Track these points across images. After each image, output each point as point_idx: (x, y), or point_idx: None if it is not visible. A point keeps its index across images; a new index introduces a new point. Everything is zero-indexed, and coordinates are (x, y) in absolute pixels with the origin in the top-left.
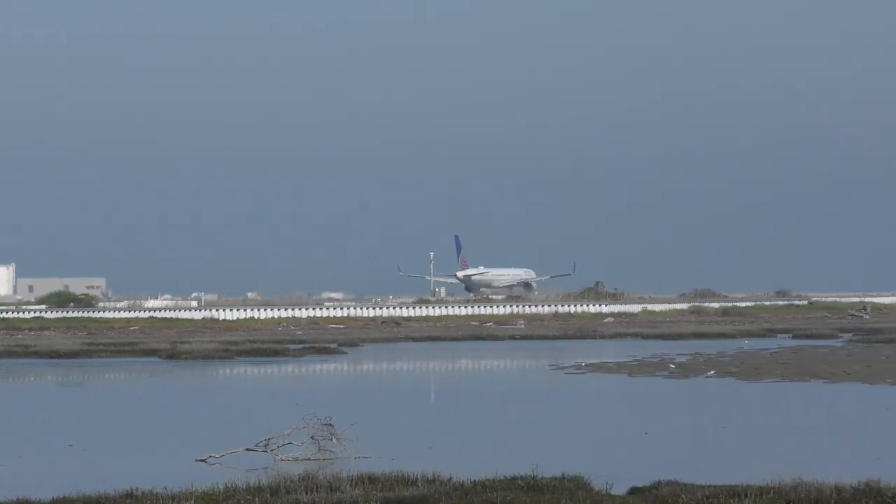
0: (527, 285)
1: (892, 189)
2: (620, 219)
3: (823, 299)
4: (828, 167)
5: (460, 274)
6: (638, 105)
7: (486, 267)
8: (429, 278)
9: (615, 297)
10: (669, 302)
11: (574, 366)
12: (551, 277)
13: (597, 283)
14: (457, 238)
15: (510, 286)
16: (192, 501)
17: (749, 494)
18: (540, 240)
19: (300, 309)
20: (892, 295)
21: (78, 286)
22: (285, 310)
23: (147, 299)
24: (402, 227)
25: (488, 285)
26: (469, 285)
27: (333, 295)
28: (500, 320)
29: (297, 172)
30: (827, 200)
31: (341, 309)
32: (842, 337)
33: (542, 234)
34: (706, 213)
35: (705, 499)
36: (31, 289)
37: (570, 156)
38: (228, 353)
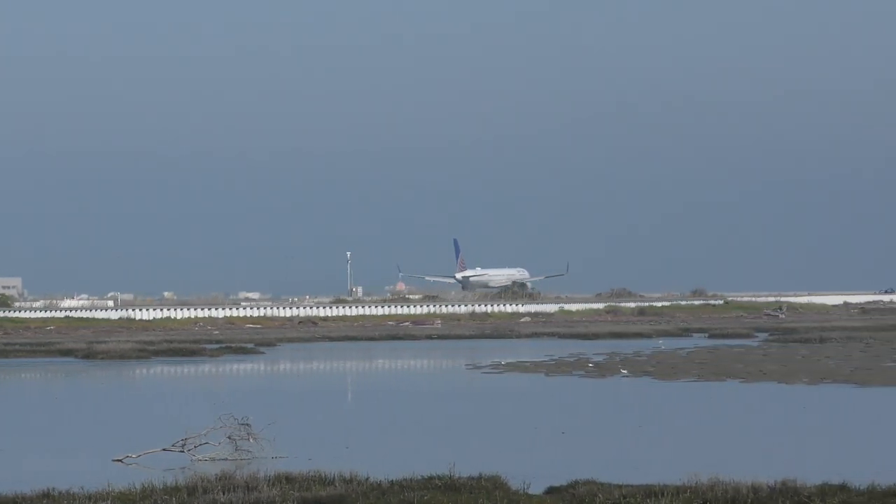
0: (521, 285)
1: (806, 189)
2: (538, 219)
3: (739, 299)
4: (742, 169)
5: (459, 275)
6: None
7: (482, 268)
8: (348, 282)
9: (532, 297)
10: (586, 302)
11: (491, 365)
12: (546, 277)
13: (513, 282)
14: (455, 242)
15: (505, 286)
16: (109, 501)
17: (666, 494)
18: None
19: (217, 309)
20: (808, 294)
21: None
22: (202, 309)
23: (63, 299)
24: (398, 228)
25: (485, 285)
26: (467, 286)
27: (250, 295)
28: (417, 320)
29: (215, 173)
30: (742, 201)
31: (258, 309)
32: (758, 336)
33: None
34: (621, 213)
35: (622, 498)
36: None
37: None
38: (145, 352)
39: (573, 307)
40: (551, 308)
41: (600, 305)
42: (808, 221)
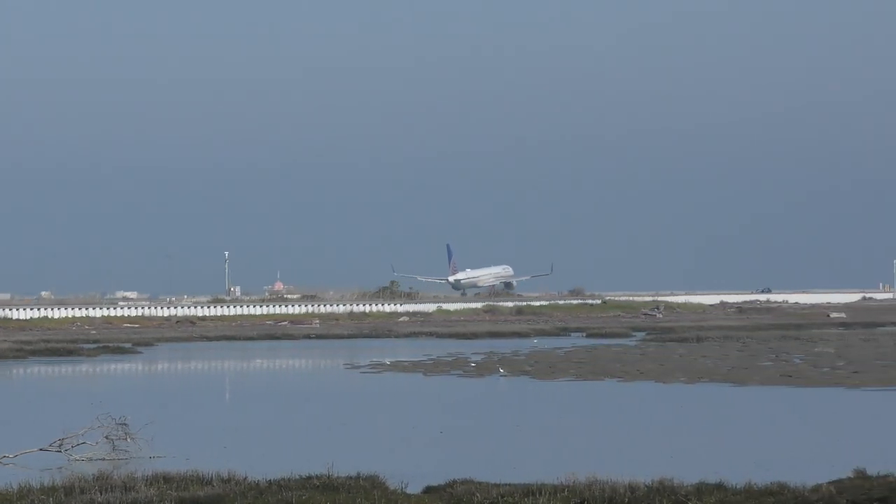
0: (507, 284)
1: (683, 188)
2: (413, 218)
3: (617, 298)
4: (617, 166)
5: (451, 278)
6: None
7: (472, 269)
8: (226, 282)
9: (410, 297)
10: (464, 301)
11: (369, 365)
12: (532, 277)
13: (391, 282)
14: (448, 246)
15: (493, 285)
16: None
17: (543, 493)
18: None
19: (94, 308)
20: (685, 294)
21: None
22: (79, 309)
23: None
24: (391, 228)
25: (475, 285)
26: (458, 287)
27: (128, 294)
28: (295, 319)
29: (87, 169)
30: (620, 199)
31: (135, 308)
32: (635, 336)
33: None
34: (499, 211)
35: (500, 497)
36: None
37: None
38: (21, 352)
39: (451, 307)
40: (430, 307)
41: (478, 305)
42: (686, 221)
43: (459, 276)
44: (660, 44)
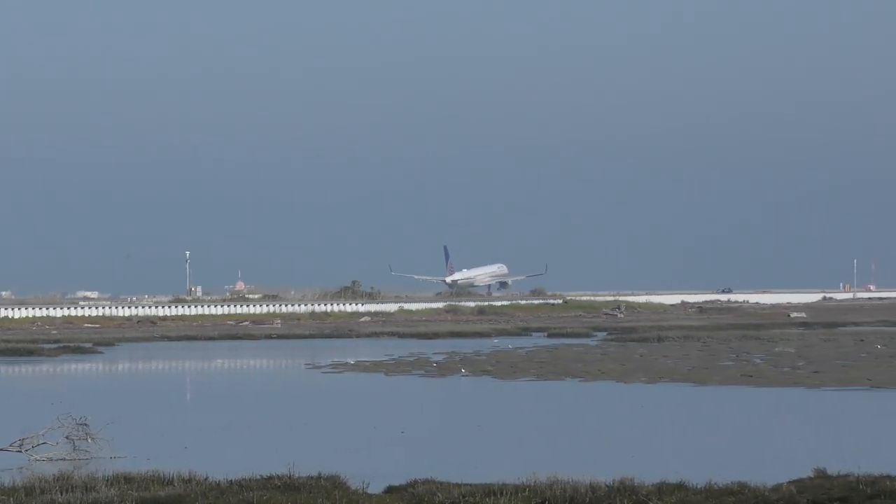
0: (503, 284)
1: (644, 189)
2: (371, 218)
3: (578, 298)
4: (578, 167)
5: (449, 279)
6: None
7: (468, 269)
8: (187, 281)
9: (372, 297)
10: (426, 301)
11: (330, 365)
12: (527, 277)
13: (353, 282)
14: (445, 248)
15: (489, 285)
16: None
17: (505, 493)
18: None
19: (55, 308)
20: (646, 294)
21: None
22: (40, 309)
23: None
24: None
25: (472, 285)
26: (455, 288)
27: (89, 294)
28: (256, 319)
29: (47, 168)
30: (581, 198)
31: (96, 308)
32: (596, 335)
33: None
34: (460, 211)
35: (461, 497)
36: None
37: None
38: None
39: (413, 306)
40: (391, 307)
41: (440, 305)
42: (647, 221)
43: (456, 276)
44: (654, 48)
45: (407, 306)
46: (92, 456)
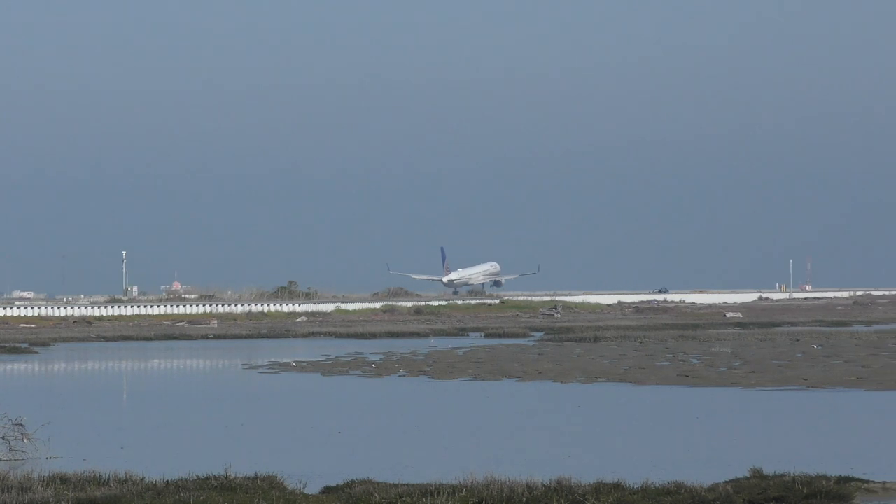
0: (496, 283)
1: (581, 190)
2: (311, 218)
3: (515, 298)
4: (522, 169)
5: (445, 279)
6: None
7: (463, 269)
8: (123, 281)
9: (308, 297)
10: (363, 301)
11: (267, 365)
12: (520, 276)
13: (290, 282)
14: (442, 249)
15: (483, 283)
16: None
17: (442, 493)
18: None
19: None
20: (583, 294)
21: None
22: None
23: None
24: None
25: (466, 284)
26: (451, 287)
27: (24, 294)
28: (192, 319)
29: None
30: (518, 197)
31: (32, 308)
32: (533, 336)
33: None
34: (396, 210)
35: (398, 497)
36: None
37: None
38: None
39: (350, 306)
40: (328, 307)
41: (377, 305)
42: (584, 221)
43: (452, 276)
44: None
45: (344, 306)
46: (28, 456)
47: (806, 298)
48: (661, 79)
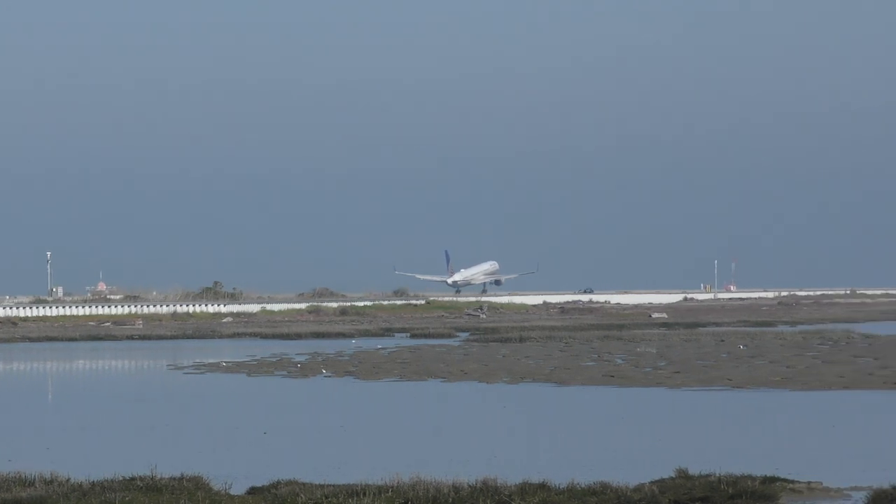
0: (497, 282)
1: (506, 189)
2: (237, 218)
3: (441, 299)
4: (427, 165)
5: (449, 280)
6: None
7: (465, 269)
8: (48, 282)
9: (234, 297)
10: (288, 301)
11: (192, 365)
12: (520, 275)
13: (215, 282)
14: (446, 252)
15: (484, 283)
16: None
17: (368, 493)
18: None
19: None
20: (509, 294)
21: None
22: None
23: None
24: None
25: (469, 284)
26: (456, 287)
27: None
28: (118, 320)
29: None
30: (440, 197)
31: None
32: (459, 336)
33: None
34: (324, 211)
35: (324, 498)
36: None
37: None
38: None
39: (275, 307)
40: (254, 308)
41: (302, 305)
42: (510, 221)
43: (456, 277)
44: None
45: (269, 307)
46: None
47: (731, 299)
48: (588, 82)
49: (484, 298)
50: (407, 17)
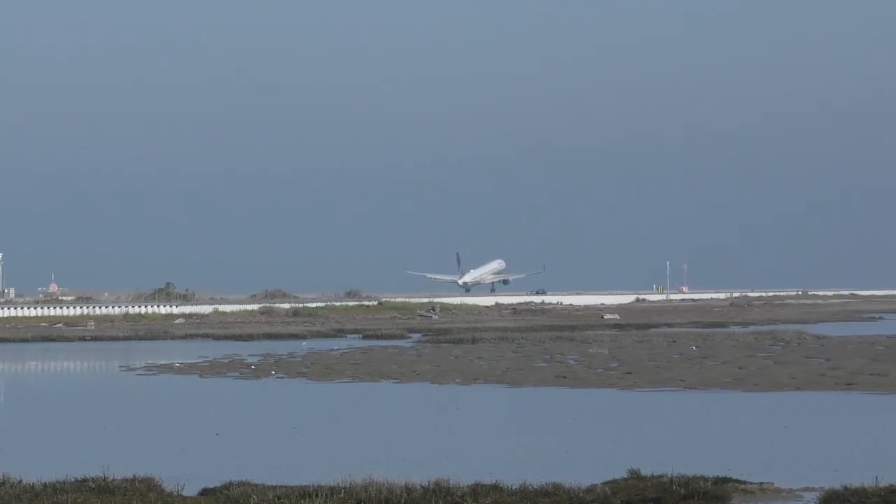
0: (505, 281)
1: (455, 189)
2: (189, 219)
3: (393, 300)
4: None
5: (460, 281)
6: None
7: (474, 269)
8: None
9: (186, 298)
10: (241, 303)
11: (144, 367)
12: (527, 275)
13: (167, 283)
14: (457, 254)
15: (492, 282)
16: None
17: (320, 494)
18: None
19: None
20: (461, 295)
21: None
22: None
23: None
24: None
25: (479, 283)
26: (466, 287)
27: None
28: (70, 321)
29: None
30: (397, 199)
31: None
32: (411, 337)
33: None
34: (277, 210)
35: (276, 499)
36: None
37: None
38: None
39: (228, 308)
40: (206, 309)
41: (255, 306)
42: (461, 222)
43: (466, 278)
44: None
45: (222, 308)
46: None
47: (683, 300)
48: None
49: (436, 300)
50: (409, 17)
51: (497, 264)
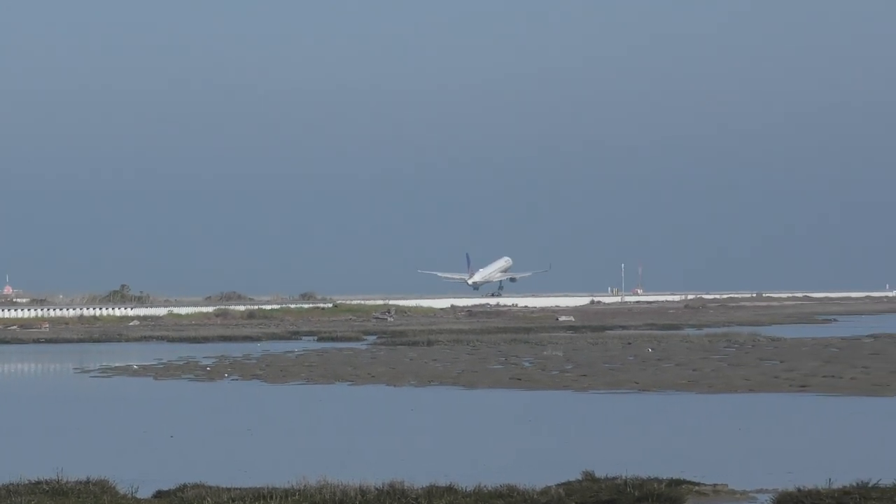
0: (512, 279)
1: (395, 192)
2: (145, 220)
3: (349, 302)
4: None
5: (470, 280)
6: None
7: (483, 269)
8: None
9: (141, 300)
10: (195, 305)
11: (99, 369)
12: (533, 274)
13: (122, 285)
14: (467, 255)
15: (500, 281)
16: None
17: (275, 496)
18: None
19: None
20: (416, 298)
21: None
22: None
23: None
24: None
25: (487, 282)
26: (476, 286)
27: None
28: (24, 323)
29: None
30: (346, 202)
31: None
32: (367, 339)
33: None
34: (232, 212)
35: (231, 501)
36: None
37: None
38: None
39: (183, 310)
40: (161, 311)
41: (210, 309)
42: (414, 225)
43: (476, 277)
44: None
45: (176, 310)
46: None
47: (638, 302)
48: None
49: (392, 302)
50: (412, 17)
51: (504, 262)
